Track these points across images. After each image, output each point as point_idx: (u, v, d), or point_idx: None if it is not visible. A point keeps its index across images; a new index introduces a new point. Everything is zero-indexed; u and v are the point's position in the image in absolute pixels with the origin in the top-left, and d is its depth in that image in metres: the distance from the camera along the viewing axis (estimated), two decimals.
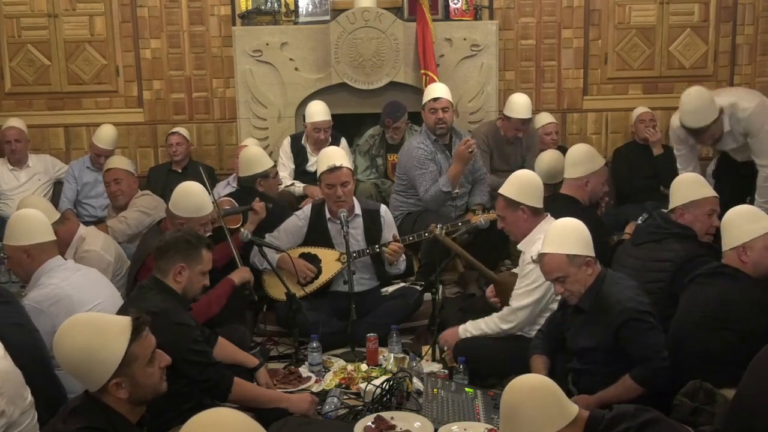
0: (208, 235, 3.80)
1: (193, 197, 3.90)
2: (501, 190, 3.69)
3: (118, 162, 4.84)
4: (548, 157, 4.82)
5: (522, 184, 3.64)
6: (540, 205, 3.63)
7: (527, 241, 3.59)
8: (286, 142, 5.59)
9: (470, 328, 3.63)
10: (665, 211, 3.70)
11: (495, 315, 3.58)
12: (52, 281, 3.20)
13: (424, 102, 4.97)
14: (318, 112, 5.42)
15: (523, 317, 3.49)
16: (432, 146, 4.88)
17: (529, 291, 3.48)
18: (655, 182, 5.58)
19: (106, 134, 5.65)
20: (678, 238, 3.48)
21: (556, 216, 3.50)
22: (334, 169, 4.11)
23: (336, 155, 4.21)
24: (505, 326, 3.52)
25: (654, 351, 2.87)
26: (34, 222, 3.31)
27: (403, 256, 4.30)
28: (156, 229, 4.05)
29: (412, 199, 4.91)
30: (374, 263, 4.33)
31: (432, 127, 4.88)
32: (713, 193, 3.60)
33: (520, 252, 3.70)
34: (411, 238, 4.32)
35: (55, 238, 3.36)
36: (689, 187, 3.60)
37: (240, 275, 3.90)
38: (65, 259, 3.77)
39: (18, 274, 3.46)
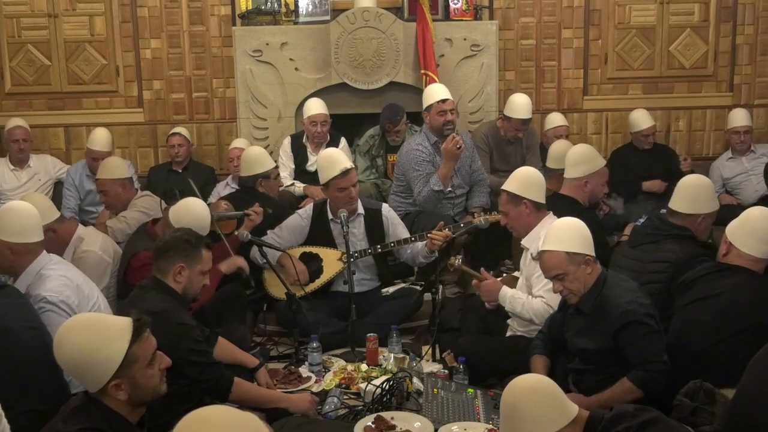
0: None
1: (195, 218, 3.75)
2: (504, 186, 3.70)
3: (105, 170, 4.69)
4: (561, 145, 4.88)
5: (525, 180, 3.65)
6: (542, 200, 3.63)
7: (531, 238, 3.59)
8: (287, 142, 5.59)
9: (515, 305, 3.50)
10: (664, 211, 3.69)
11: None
12: (57, 272, 3.18)
13: (429, 104, 4.89)
14: (314, 106, 5.47)
15: None
16: (431, 148, 4.86)
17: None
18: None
19: (98, 137, 5.57)
20: (676, 239, 3.48)
21: (556, 216, 3.51)
22: (347, 172, 4.12)
23: (342, 158, 4.23)
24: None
25: (654, 354, 2.86)
26: (26, 219, 3.21)
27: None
28: (143, 231, 4.04)
29: (410, 199, 4.90)
30: (376, 263, 4.33)
31: (440, 128, 4.82)
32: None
33: (521, 252, 3.69)
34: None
35: (42, 237, 3.27)
36: (712, 197, 3.61)
37: (228, 264, 3.88)
38: (63, 259, 3.77)
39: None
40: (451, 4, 5.84)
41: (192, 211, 3.82)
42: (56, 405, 2.58)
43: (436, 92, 4.94)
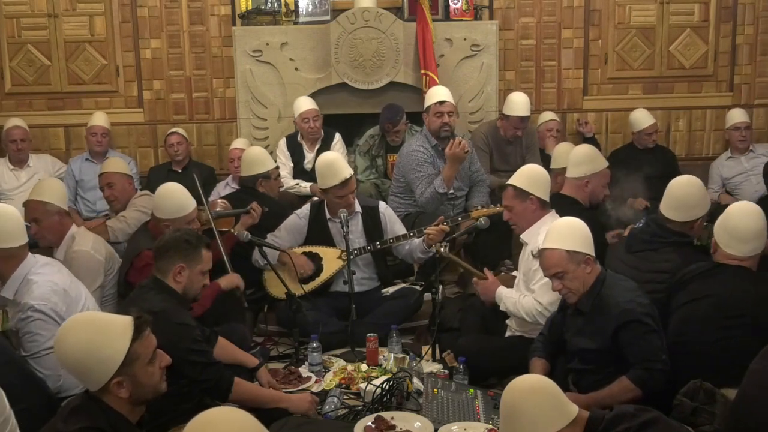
0: None
1: (172, 198, 3.92)
2: (511, 181, 3.70)
3: (111, 165, 4.79)
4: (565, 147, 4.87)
5: (532, 176, 3.66)
6: (547, 198, 3.64)
7: (530, 234, 3.60)
8: (282, 142, 5.61)
9: (508, 304, 3.54)
10: (663, 217, 3.64)
11: (536, 307, 3.42)
12: (44, 278, 3.15)
13: (427, 105, 4.94)
14: (303, 103, 5.51)
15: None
16: (432, 150, 4.87)
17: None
18: (652, 183, 5.57)
19: (97, 114, 5.80)
20: (675, 247, 3.46)
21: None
22: (345, 182, 4.14)
23: (342, 165, 4.20)
24: (542, 321, 3.40)
25: (652, 354, 2.86)
26: (8, 223, 3.16)
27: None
28: (143, 230, 4.06)
29: (410, 200, 4.91)
30: (375, 261, 4.34)
31: (437, 131, 4.85)
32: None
33: (521, 250, 3.69)
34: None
35: (27, 240, 3.22)
36: (705, 197, 3.55)
37: (227, 281, 3.89)
38: (54, 257, 3.76)
39: None
40: (451, 4, 5.84)
41: (165, 193, 3.92)
42: (31, 398, 2.58)
43: (435, 94, 4.97)
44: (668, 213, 3.52)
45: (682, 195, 3.52)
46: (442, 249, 3.76)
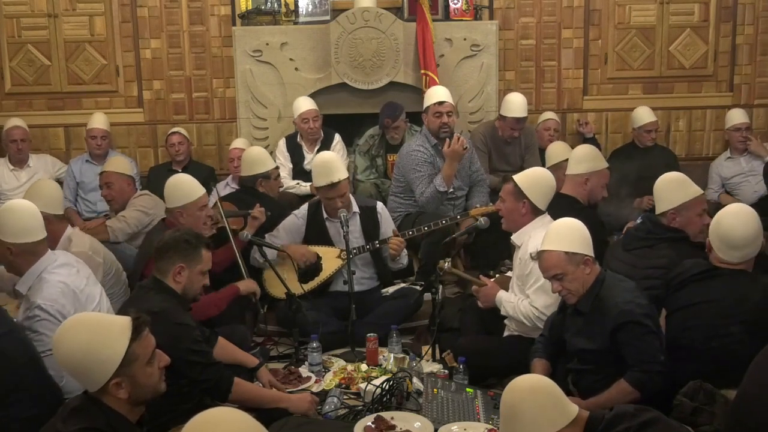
0: (211, 234, 3.83)
1: (181, 185, 3.97)
2: (516, 176, 3.70)
3: (112, 164, 4.82)
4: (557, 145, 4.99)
5: (536, 180, 3.65)
6: (543, 207, 3.64)
7: (521, 235, 3.62)
8: (282, 143, 5.61)
9: (508, 309, 3.54)
10: (655, 214, 3.66)
11: (532, 312, 3.43)
12: (56, 278, 3.14)
13: (426, 105, 4.95)
14: (303, 103, 5.51)
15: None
16: (431, 150, 4.87)
17: (544, 288, 3.37)
18: (652, 182, 5.57)
19: (96, 116, 5.77)
20: (670, 242, 3.47)
21: (555, 215, 3.51)
22: (333, 186, 4.12)
23: (335, 168, 4.17)
24: (540, 325, 3.40)
25: (650, 355, 2.86)
26: (27, 219, 3.17)
27: (405, 251, 4.31)
28: (161, 227, 4.06)
29: (410, 200, 4.91)
30: (375, 261, 4.34)
31: (436, 131, 4.85)
32: (701, 191, 3.59)
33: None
34: (411, 233, 4.34)
35: (45, 235, 3.23)
36: (677, 188, 3.53)
37: (246, 285, 3.93)
38: (71, 257, 3.75)
39: (1, 263, 3.35)
40: (451, 4, 5.84)
41: (174, 182, 3.97)
42: (52, 407, 2.58)
43: (434, 94, 4.97)
44: (656, 209, 3.61)
45: (656, 189, 3.61)
46: (445, 265, 3.77)
